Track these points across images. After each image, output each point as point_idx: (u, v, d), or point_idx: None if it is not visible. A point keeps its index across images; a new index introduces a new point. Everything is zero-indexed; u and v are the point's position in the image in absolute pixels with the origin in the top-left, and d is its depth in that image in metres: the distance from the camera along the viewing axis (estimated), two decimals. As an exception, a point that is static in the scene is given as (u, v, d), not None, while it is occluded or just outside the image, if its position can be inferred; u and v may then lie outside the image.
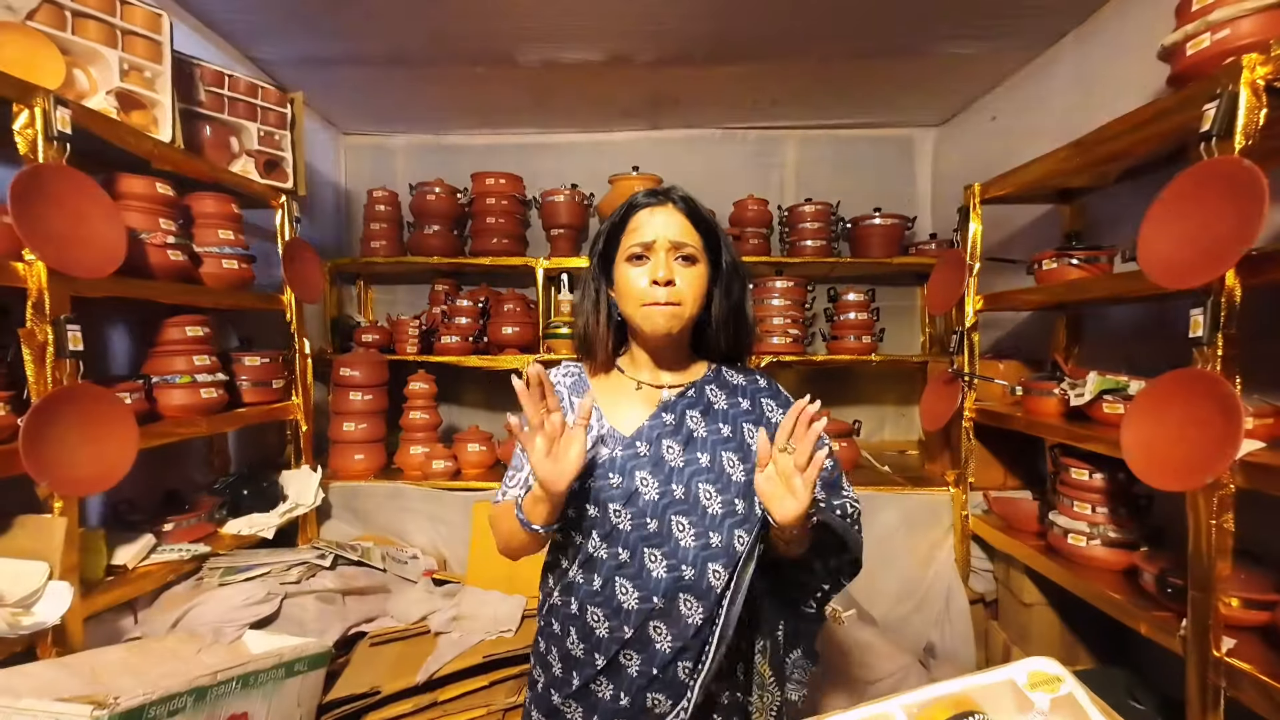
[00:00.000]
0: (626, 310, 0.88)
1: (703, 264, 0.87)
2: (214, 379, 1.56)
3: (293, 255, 1.87)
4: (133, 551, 1.38)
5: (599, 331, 0.91)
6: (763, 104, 2.53)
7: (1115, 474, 1.38)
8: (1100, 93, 1.79)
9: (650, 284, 0.84)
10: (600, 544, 0.86)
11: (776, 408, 0.94)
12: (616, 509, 0.85)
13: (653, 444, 0.87)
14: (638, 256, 0.86)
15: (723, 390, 0.93)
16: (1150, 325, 1.58)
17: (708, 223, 0.89)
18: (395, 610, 1.55)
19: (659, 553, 0.84)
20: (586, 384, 0.94)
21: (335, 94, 2.41)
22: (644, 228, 0.86)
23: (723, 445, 0.88)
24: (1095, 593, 1.32)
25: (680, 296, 0.85)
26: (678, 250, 0.85)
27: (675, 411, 0.89)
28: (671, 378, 0.93)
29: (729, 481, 0.86)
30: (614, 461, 0.87)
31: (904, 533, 1.94)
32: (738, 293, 0.91)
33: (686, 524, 0.84)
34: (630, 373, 0.93)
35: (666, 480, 0.86)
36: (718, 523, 0.85)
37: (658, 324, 0.85)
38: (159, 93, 1.44)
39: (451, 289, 2.63)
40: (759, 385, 0.96)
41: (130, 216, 1.38)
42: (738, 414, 0.91)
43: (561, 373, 0.96)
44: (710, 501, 0.85)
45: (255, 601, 1.34)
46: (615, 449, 0.87)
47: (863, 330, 2.33)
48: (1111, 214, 1.74)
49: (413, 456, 2.16)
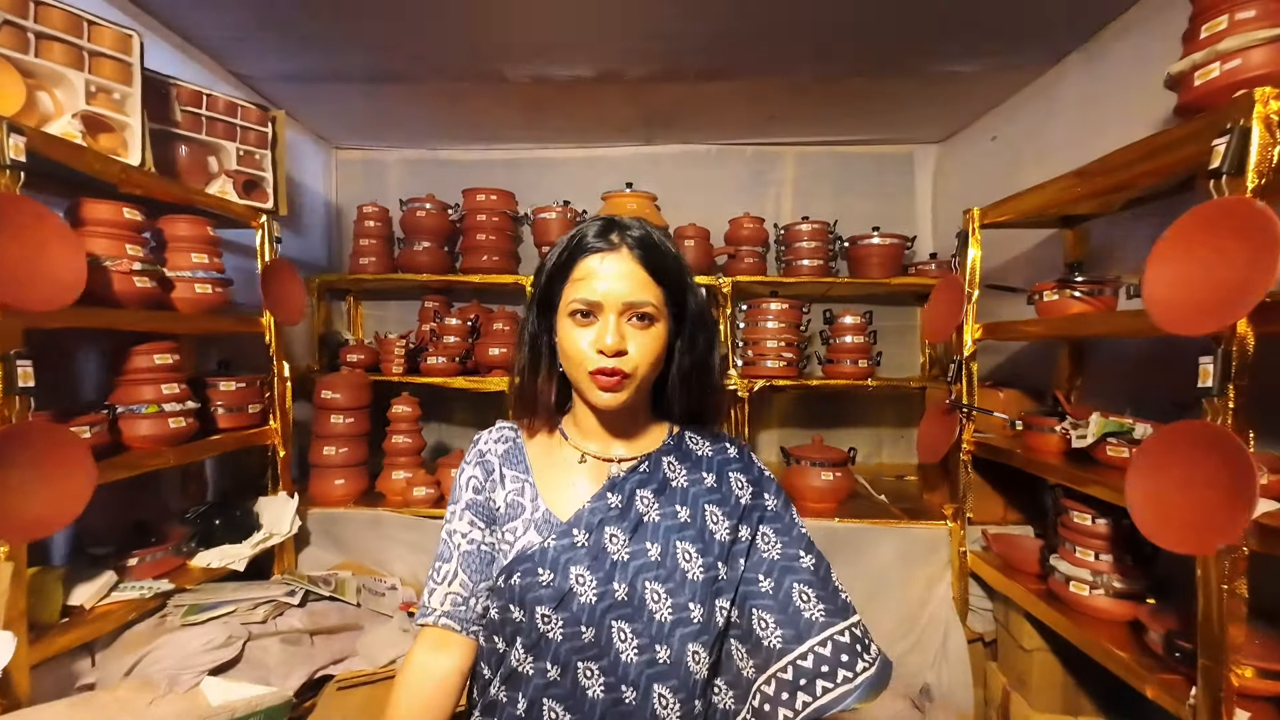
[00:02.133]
0: (569, 374, 0.75)
1: (661, 321, 0.74)
2: (183, 407, 1.51)
3: (272, 276, 1.82)
4: (91, 590, 1.33)
5: (539, 386, 0.78)
6: (759, 120, 2.48)
7: (1120, 520, 1.31)
8: (1105, 114, 1.73)
9: (596, 351, 0.71)
10: (525, 656, 0.71)
11: (747, 485, 0.78)
12: (545, 614, 0.70)
13: (593, 532, 0.73)
14: (583, 314, 0.72)
15: (683, 463, 0.79)
16: (1157, 360, 1.51)
17: (669, 271, 0.74)
18: (366, 650, 1.49)
19: (595, 668, 0.69)
20: (522, 452, 0.81)
21: (324, 109, 2.38)
22: (591, 280, 0.71)
23: (678, 533, 0.73)
24: (1099, 647, 1.24)
25: (632, 366, 0.71)
26: (631, 310, 0.71)
27: (623, 492, 0.75)
28: (625, 447, 0.79)
29: (683, 580, 0.71)
30: (545, 553, 0.72)
31: (900, 567, 1.86)
32: (702, 346, 0.78)
33: (629, 632, 0.69)
34: (575, 440, 0.80)
35: (607, 577, 0.71)
36: (666, 632, 0.69)
37: (603, 399, 0.72)
38: (129, 115, 1.40)
39: (442, 306, 2.59)
40: (728, 455, 0.81)
41: (95, 243, 1.34)
42: (699, 493, 0.77)
43: (494, 438, 0.83)
44: (658, 605, 0.70)
45: (215, 646, 1.28)
46: (548, 537, 0.73)
47: (859, 354, 2.26)
48: (1116, 241, 1.67)
49: (395, 482, 2.11)
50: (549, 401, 0.79)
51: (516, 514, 0.77)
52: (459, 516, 0.79)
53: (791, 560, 0.75)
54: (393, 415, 2.17)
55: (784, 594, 0.73)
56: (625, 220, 0.75)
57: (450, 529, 0.79)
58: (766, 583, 0.74)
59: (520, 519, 0.77)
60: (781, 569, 0.74)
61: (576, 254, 0.74)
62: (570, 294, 0.73)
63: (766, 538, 0.77)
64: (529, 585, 0.71)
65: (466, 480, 0.80)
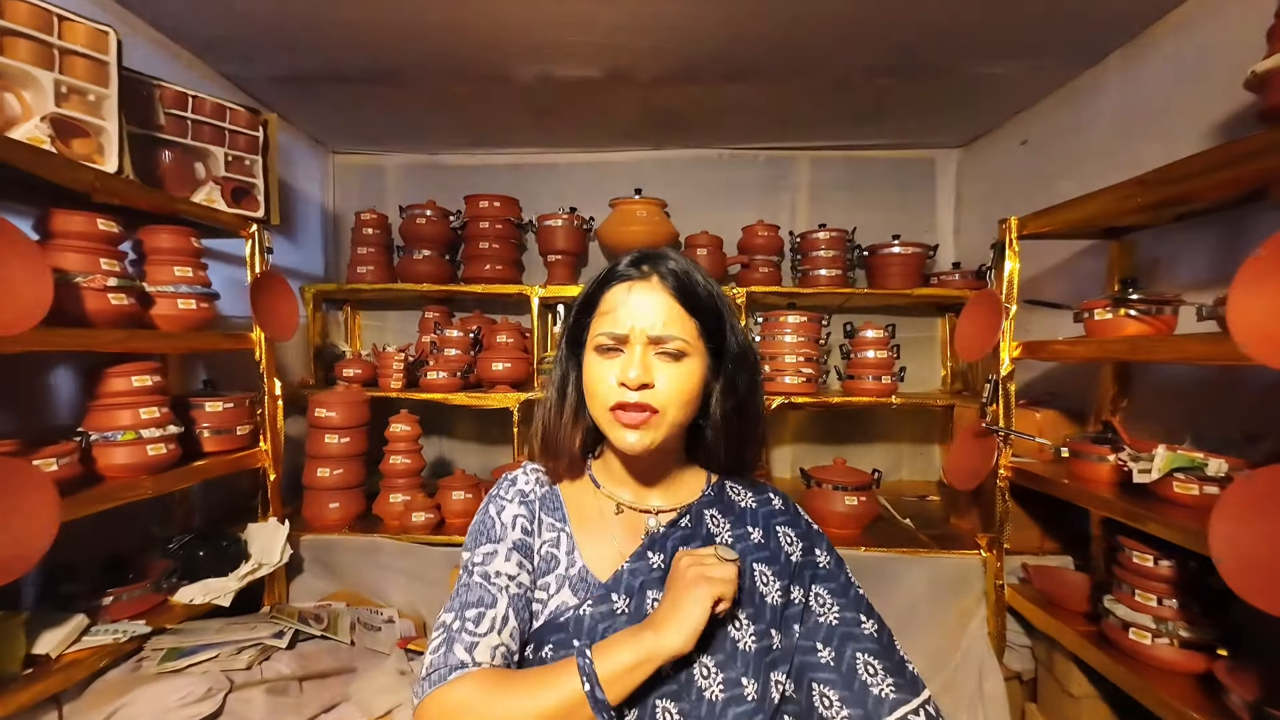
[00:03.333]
0: (593, 413, 0.70)
1: (695, 357, 0.68)
2: (164, 433, 1.40)
3: (262, 290, 1.71)
4: (59, 637, 1.21)
5: (564, 428, 0.73)
6: (773, 124, 2.37)
7: (1186, 562, 1.20)
8: (1148, 119, 1.62)
9: (619, 385, 0.65)
10: None
11: (796, 540, 0.72)
12: None
13: (634, 596, 0.66)
14: (609, 348, 0.67)
15: (726, 517, 0.73)
16: (1218, 385, 1.40)
17: (705, 303, 0.69)
18: (359, 697, 1.37)
19: None
20: (558, 499, 0.74)
21: (320, 112, 2.28)
22: (618, 311, 0.67)
23: None
24: (1168, 705, 1.12)
25: (660, 402, 0.65)
26: (659, 345, 0.66)
27: (664, 550, 0.69)
28: (661, 498, 0.73)
29: (734, 651, 0.64)
30: (580, 621, 0.65)
31: (930, 600, 1.75)
32: (744, 389, 0.72)
33: (675, 713, 0.61)
34: (607, 488, 0.74)
35: None
36: (718, 713, 0.62)
37: (627, 440, 0.66)
38: (104, 118, 1.29)
39: (443, 317, 2.48)
40: (773, 508, 0.75)
41: (65, 258, 1.23)
42: (745, 550, 0.70)
43: (532, 480, 0.76)
44: (708, 681, 0.62)
45: (194, 700, 1.17)
46: (584, 601, 0.66)
47: (882, 370, 2.15)
48: (1166, 255, 1.56)
49: (392, 505, 1.99)
50: (573, 448, 0.74)
51: (550, 567, 0.69)
52: (504, 557, 0.68)
53: (852, 626, 0.67)
54: (391, 435, 2.06)
55: (847, 666, 0.65)
56: (663, 251, 0.71)
57: (489, 569, 0.67)
58: (826, 652, 0.66)
59: (554, 574, 0.68)
60: (842, 636, 0.67)
61: (605, 285, 0.71)
62: (596, 327, 0.69)
63: (821, 599, 0.69)
64: (563, 659, 0.62)
65: (512, 518, 0.71)
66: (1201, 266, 1.46)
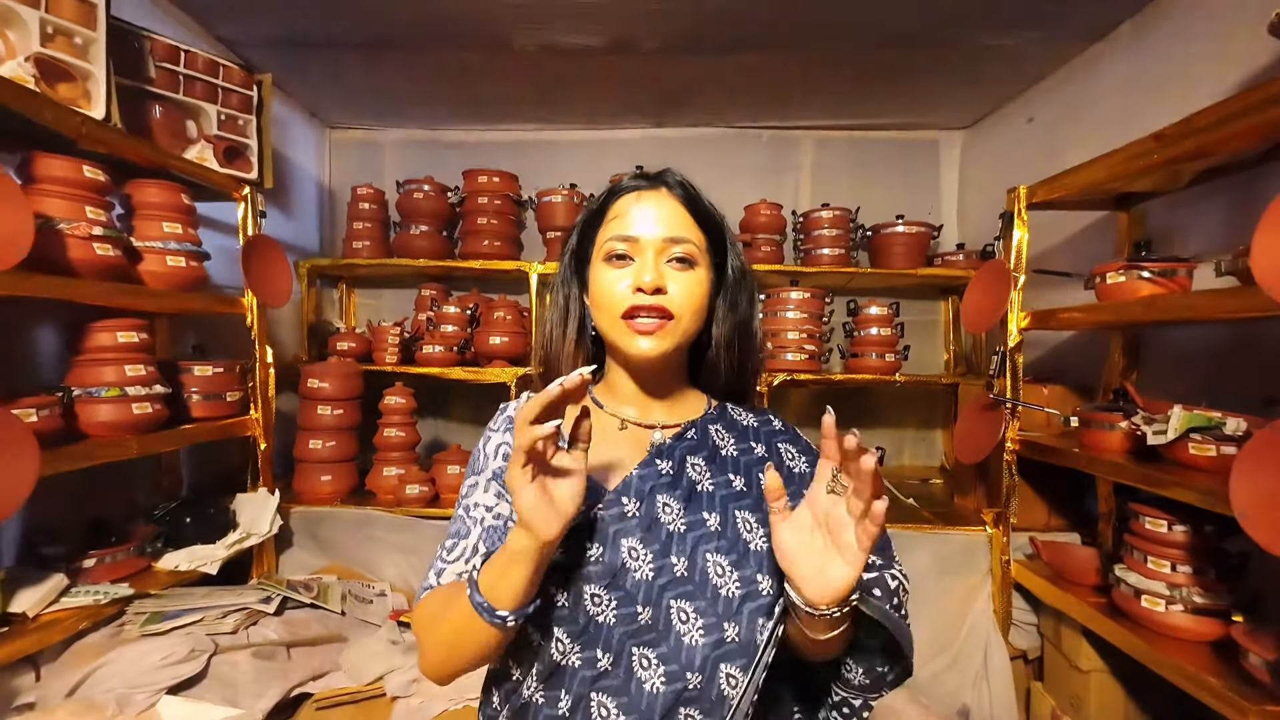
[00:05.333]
0: (602, 324, 0.68)
1: (703, 268, 0.68)
2: (150, 391, 1.36)
3: (254, 253, 1.67)
4: (36, 596, 1.17)
5: (567, 348, 0.72)
6: (777, 101, 2.34)
7: (1200, 526, 1.17)
8: (1158, 91, 1.60)
9: (634, 290, 0.64)
10: (571, 646, 0.61)
11: (798, 455, 0.73)
12: (595, 594, 0.62)
13: (645, 500, 0.65)
14: (619, 256, 0.67)
15: (730, 432, 0.73)
16: (1232, 352, 1.37)
17: (712, 216, 0.71)
18: (349, 665, 1.33)
19: (653, 656, 0.61)
20: None
21: (317, 82, 2.23)
22: (628, 217, 0.67)
23: (735, 502, 0.67)
24: (1183, 671, 1.09)
25: (674, 307, 0.65)
26: (671, 249, 0.66)
27: (673, 458, 0.68)
28: (665, 414, 0.72)
29: (747, 550, 0.64)
30: (592, 525, 0.63)
31: (935, 577, 1.71)
32: (745, 307, 0.73)
33: (691, 612, 0.61)
34: (610, 407, 0.72)
35: (663, 550, 0.63)
36: (735, 609, 0.62)
37: (641, 347, 0.65)
38: (91, 62, 1.25)
39: (439, 294, 2.44)
40: (774, 427, 0.76)
41: (48, 203, 1.19)
42: (751, 462, 0.71)
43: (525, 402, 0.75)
44: (724, 579, 0.63)
45: (175, 660, 1.13)
46: (594, 508, 0.64)
47: (885, 347, 2.12)
48: (1177, 223, 1.53)
49: (386, 479, 1.95)
50: (575, 361, 0.73)
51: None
52: (483, 488, 0.68)
53: None
54: (385, 407, 2.02)
55: None
56: (666, 169, 0.72)
57: (471, 501, 0.68)
58: None
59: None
60: None
61: (613, 196, 0.70)
62: (604, 234, 0.68)
63: None
64: (575, 562, 0.62)
65: (495, 448, 0.70)
66: (1214, 235, 1.43)
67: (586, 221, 0.72)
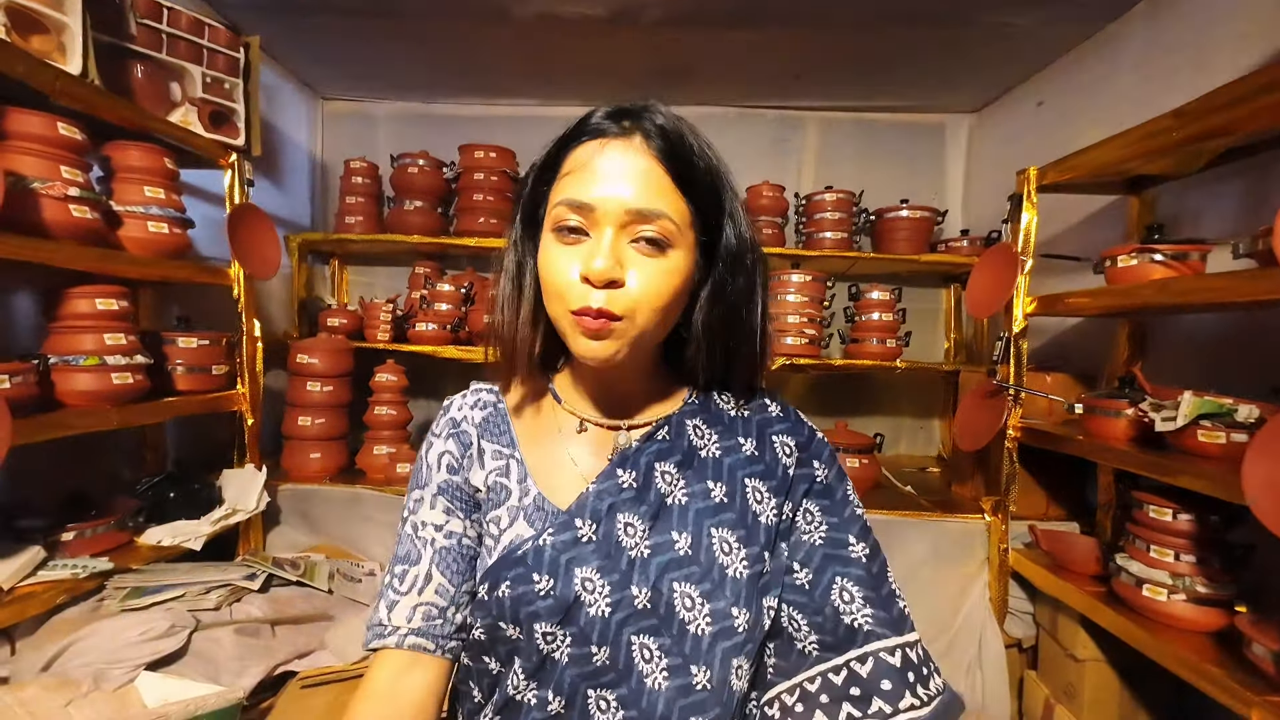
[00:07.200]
0: (551, 312, 0.55)
1: (682, 250, 0.53)
2: (130, 361, 1.32)
3: (241, 222, 1.62)
4: (12, 568, 1.13)
5: (518, 330, 0.58)
6: (783, 79, 2.29)
7: (1205, 516, 1.14)
8: (1174, 74, 1.55)
9: (581, 279, 0.51)
10: (524, 683, 0.55)
11: (794, 450, 0.60)
12: (546, 631, 0.54)
13: (602, 522, 0.56)
14: (570, 229, 0.52)
15: (713, 427, 0.61)
16: (1240, 341, 1.34)
17: (701, 176, 0.54)
18: (335, 644, 1.31)
19: (612, 698, 0.53)
20: (505, 420, 0.63)
21: (308, 49, 2.16)
22: (585, 175, 0.51)
23: (713, 518, 0.57)
24: (1184, 661, 1.08)
25: (627, 306, 0.51)
26: (638, 227, 0.51)
27: (638, 466, 0.58)
28: (633, 410, 0.61)
29: (723, 578, 0.55)
30: (540, 553, 0.55)
31: (932, 565, 1.70)
32: (739, 293, 0.57)
33: (654, 650, 0.53)
34: (569, 403, 0.62)
35: (623, 581, 0.54)
36: (704, 649, 0.53)
37: (584, 346, 0.53)
38: (66, 14, 1.19)
39: (434, 272, 2.39)
40: (769, 415, 0.63)
41: (20, 160, 1.13)
42: (736, 464, 0.59)
43: (469, 403, 0.64)
44: (693, 612, 0.54)
45: (155, 636, 1.10)
46: (543, 531, 0.56)
47: (887, 333, 2.09)
48: (1189, 208, 1.49)
49: (376, 457, 1.92)
50: (530, 350, 0.59)
51: (500, 499, 0.59)
52: (429, 504, 0.60)
53: (838, 548, 0.57)
54: (376, 385, 1.98)
55: (822, 590, 0.56)
56: (649, 103, 0.55)
57: (417, 520, 0.60)
58: (803, 574, 0.57)
59: (504, 506, 0.58)
60: (824, 558, 0.57)
61: (571, 139, 0.54)
62: (556, 194, 0.53)
63: (810, 516, 0.59)
64: (522, 596, 0.54)
65: (438, 457, 0.61)
66: (1226, 221, 1.40)
67: (539, 172, 0.56)
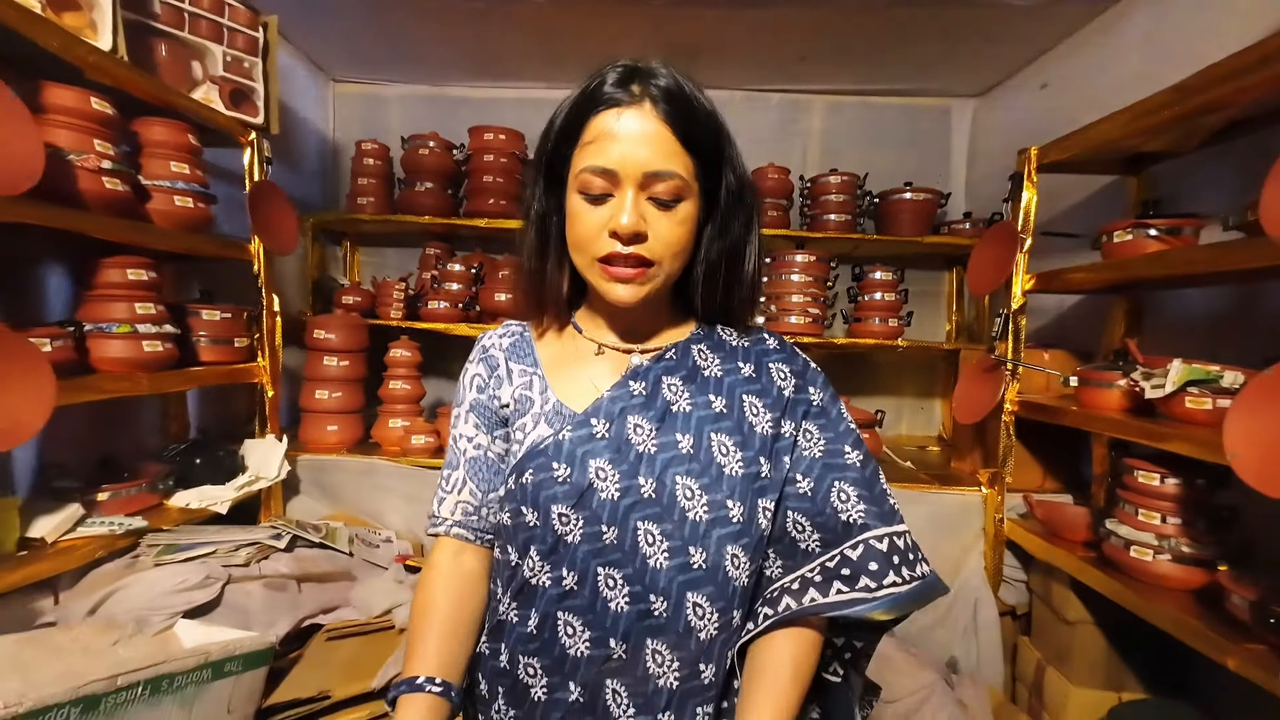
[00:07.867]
0: (579, 263, 0.64)
1: (690, 200, 0.61)
2: (161, 330, 1.37)
3: (261, 199, 1.67)
4: (54, 523, 1.20)
5: (547, 276, 0.68)
6: (789, 61, 2.31)
7: (1192, 480, 1.19)
8: (1178, 56, 1.57)
9: (609, 234, 0.60)
10: (540, 565, 0.62)
11: (790, 376, 0.68)
12: (562, 513, 0.62)
13: (614, 422, 0.64)
14: (595, 192, 0.60)
15: (716, 352, 0.70)
16: (1233, 314, 1.38)
17: (704, 131, 0.61)
18: (358, 600, 1.37)
19: (618, 576, 0.60)
20: (530, 346, 0.72)
21: (321, 30, 2.19)
22: (604, 142, 0.59)
23: (713, 424, 0.65)
24: (1166, 615, 1.13)
25: (655, 254, 0.61)
26: (654, 185, 0.59)
27: (648, 379, 0.66)
28: (647, 338, 0.70)
29: (719, 474, 0.63)
30: (559, 446, 0.63)
31: (930, 536, 1.75)
32: (737, 232, 0.66)
33: (657, 534, 0.61)
34: (589, 332, 0.71)
35: (631, 471, 0.62)
36: (701, 533, 0.61)
37: (618, 293, 0.62)
38: (97, -9, 1.24)
39: (444, 253, 2.43)
40: (766, 346, 0.71)
41: (57, 133, 1.18)
42: (735, 383, 0.68)
43: (499, 333, 0.74)
44: (692, 502, 0.61)
45: (191, 586, 1.16)
46: (562, 429, 0.64)
47: (889, 312, 2.13)
48: (1187, 187, 1.53)
49: (391, 430, 1.97)
50: (560, 294, 0.69)
51: (525, 409, 0.68)
52: (464, 419, 0.71)
53: (835, 457, 0.66)
54: (390, 360, 2.03)
55: (822, 494, 0.64)
56: (651, 65, 0.61)
57: (456, 433, 0.72)
58: (805, 483, 0.66)
59: (529, 414, 0.67)
60: (824, 466, 0.66)
61: (588, 108, 0.61)
62: (579, 161, 0.61)
63: (810, 435, 0.67)
64: (543, 482, 0.63)
65: (470, 379, 0.72)
66: (1222, 199, 1.43)
67: (560, 134, 0.63)
